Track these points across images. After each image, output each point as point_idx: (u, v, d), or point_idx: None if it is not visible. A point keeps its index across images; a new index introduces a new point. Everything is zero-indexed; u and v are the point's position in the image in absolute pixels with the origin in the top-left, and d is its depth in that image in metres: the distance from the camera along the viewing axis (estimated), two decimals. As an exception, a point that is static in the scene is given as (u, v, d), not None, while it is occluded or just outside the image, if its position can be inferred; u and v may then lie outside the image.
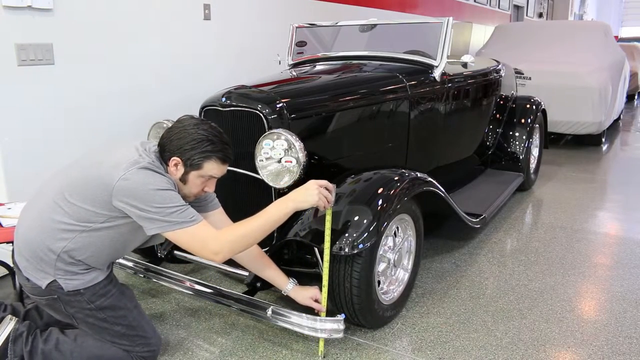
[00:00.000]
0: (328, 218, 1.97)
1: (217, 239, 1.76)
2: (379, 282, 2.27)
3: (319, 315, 2.07)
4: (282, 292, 2.16)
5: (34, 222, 1.80)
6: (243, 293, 2.23)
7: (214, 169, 1.82)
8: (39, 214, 1.80)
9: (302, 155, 2.17)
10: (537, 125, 4.59)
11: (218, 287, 2.29)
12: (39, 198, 1.85)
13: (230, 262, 2.50)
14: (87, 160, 1.83)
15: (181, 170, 1.81)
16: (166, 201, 1.70)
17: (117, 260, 2.52)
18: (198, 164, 1.79)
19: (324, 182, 1.91)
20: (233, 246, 1.78)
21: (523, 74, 5.80)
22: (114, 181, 1.69)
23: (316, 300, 2.10)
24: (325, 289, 2.07)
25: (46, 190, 1.84)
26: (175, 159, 1.79)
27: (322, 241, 2.00)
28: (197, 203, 2.01)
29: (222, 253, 1.76)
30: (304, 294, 2.12)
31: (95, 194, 1.73)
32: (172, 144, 1.79)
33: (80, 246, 1.78)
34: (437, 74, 3.20)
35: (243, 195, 2.45)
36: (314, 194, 1.85)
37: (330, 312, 2.11)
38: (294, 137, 2.17)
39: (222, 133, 1.86)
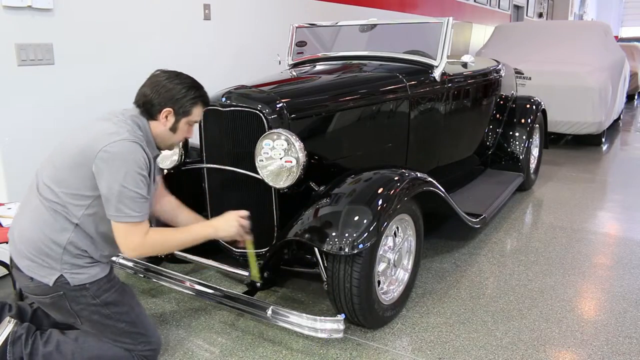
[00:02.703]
0: (249, 247, 2.11)
1: (144, 237, 1.80)
2: (379, 282, 2.27)
3: (246, 248, 2.15)
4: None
5: (32, 222, 1.81)
6: (243, 293, 2.23)
7: (199, 113, 1.95)
8: (35, 212, 1.81)
9: (302, 155, 2.17)
10: (537, 125, 4.59)
11: (218, 287, 2.29)
12: (30, 199, 1.86)
13: (231, 263, 2.51)
14: (65, 147, 1.85)
15: (171, 120, 1.90)
16: (135, 185, 1.74)
17: (117, 260, 2.53)
18: (188, 110, 1.90)
19: (244, 213, 2.03)
20: (153, 249, 1.89)
21: (523, 74, 5.79)
22: (97, 150, 1.73)
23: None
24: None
25: (34, 190, 1.85)
26: (167, 110, 1.87)
27: (322, 241, 2.00)
28: None
29: (138, 250, 1.83)
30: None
31: (80, 168, 1.76)
32: (162, 97, 1.87)
33: (82, 233, 1.80)
34: (437, 74, 3.20)
35: (243, 196, 2.45)
36: (234, 225, 1.99)
37: (331, 312, 2.11)
38: (294, 137, 2.17)
39: (194, 79, 1.96)
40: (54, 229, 1.78)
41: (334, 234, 2.02)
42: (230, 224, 1.98)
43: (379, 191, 2.17)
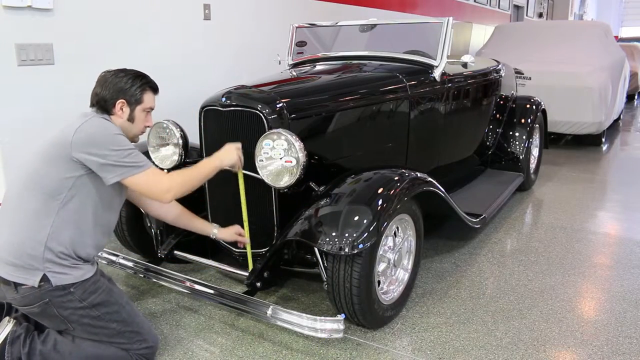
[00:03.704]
0: (240, 176, 2.28)
1: (169, 177, 1.95)
2: (379, 282, 2.27)
3: (244, 248, 2.37)
4: (211, 236, 2.42)
5: (12, 230, 1.81)
6: (243, 293, 2.23)
7: (150, 100, 2.06)
8: (13, 222, 1.82)
9: (302, 155, 2.17)
10: (537, 125, 4.59)
11: (218, 287, 2.29)
12: (6, 211, 1.87)
13: (230, 262, 2.51)
14: (32, 157, 1.89)
15: (127, 110, 2.00)
16: (122, 143, 1.86)
17: (117, 260, 2.53)
18: (139, 98, 2.01)
19: (239, 145, 2.21)
20: (181, 187, 1.97)
21: (523, 74, 5.79)
22: (70, 136, 1.81)
23: (240, 235, 2.37)
24: (246, 223, 2.32)
25: (9, 201, 1.87)
26: (120, 102, 1.98)
27: (323, 241, 2.00)
28: None
29: (172, 191, 1.93)
30: (229, 232, 2.39)
31: (56, 161, 1.81)
32: (112, 91, 1.97)
33: (62, 226, 1.80)
34: (437, 74, 3.20)
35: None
36: (234, 153, 2.17)
37: (331, 312, 2.11)
38: (294, 137, 2.17)
39: (138, 70, 2.08)
40: (35, 228, 1.79)
41: (334, 234, 2.02)
42: (231, 154, 2.16)
43: (379, 191, 2.17)
